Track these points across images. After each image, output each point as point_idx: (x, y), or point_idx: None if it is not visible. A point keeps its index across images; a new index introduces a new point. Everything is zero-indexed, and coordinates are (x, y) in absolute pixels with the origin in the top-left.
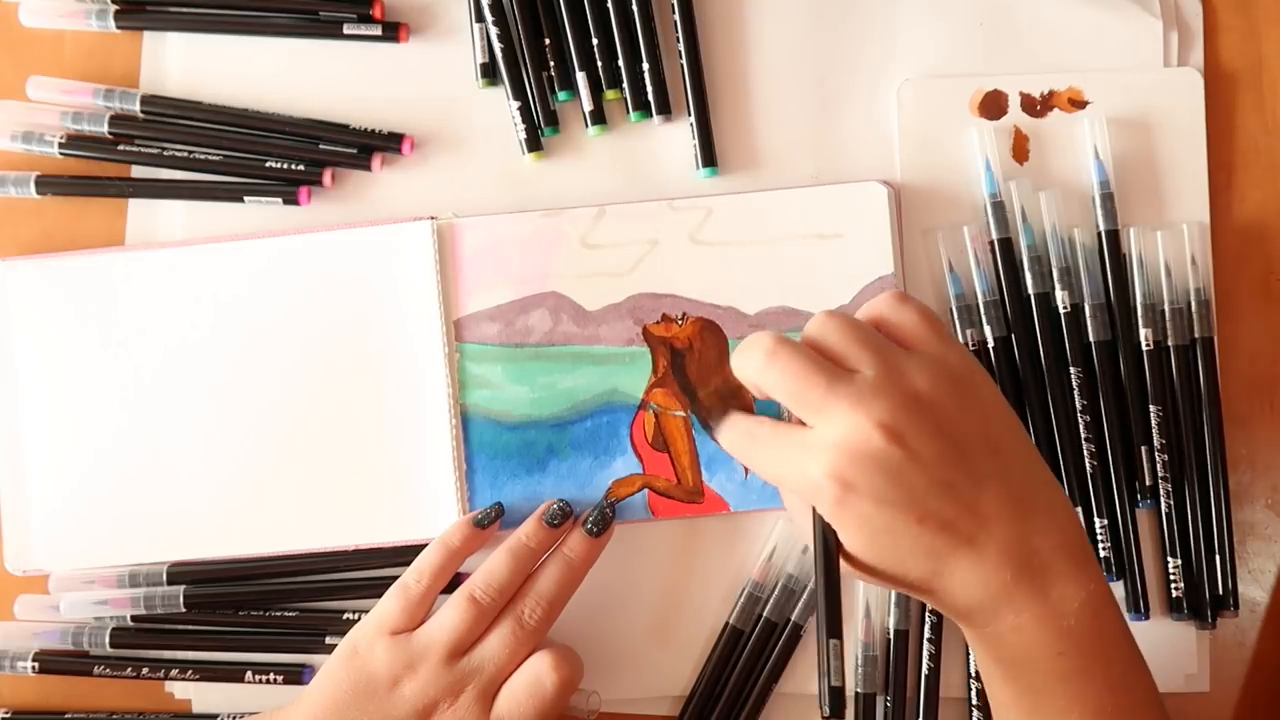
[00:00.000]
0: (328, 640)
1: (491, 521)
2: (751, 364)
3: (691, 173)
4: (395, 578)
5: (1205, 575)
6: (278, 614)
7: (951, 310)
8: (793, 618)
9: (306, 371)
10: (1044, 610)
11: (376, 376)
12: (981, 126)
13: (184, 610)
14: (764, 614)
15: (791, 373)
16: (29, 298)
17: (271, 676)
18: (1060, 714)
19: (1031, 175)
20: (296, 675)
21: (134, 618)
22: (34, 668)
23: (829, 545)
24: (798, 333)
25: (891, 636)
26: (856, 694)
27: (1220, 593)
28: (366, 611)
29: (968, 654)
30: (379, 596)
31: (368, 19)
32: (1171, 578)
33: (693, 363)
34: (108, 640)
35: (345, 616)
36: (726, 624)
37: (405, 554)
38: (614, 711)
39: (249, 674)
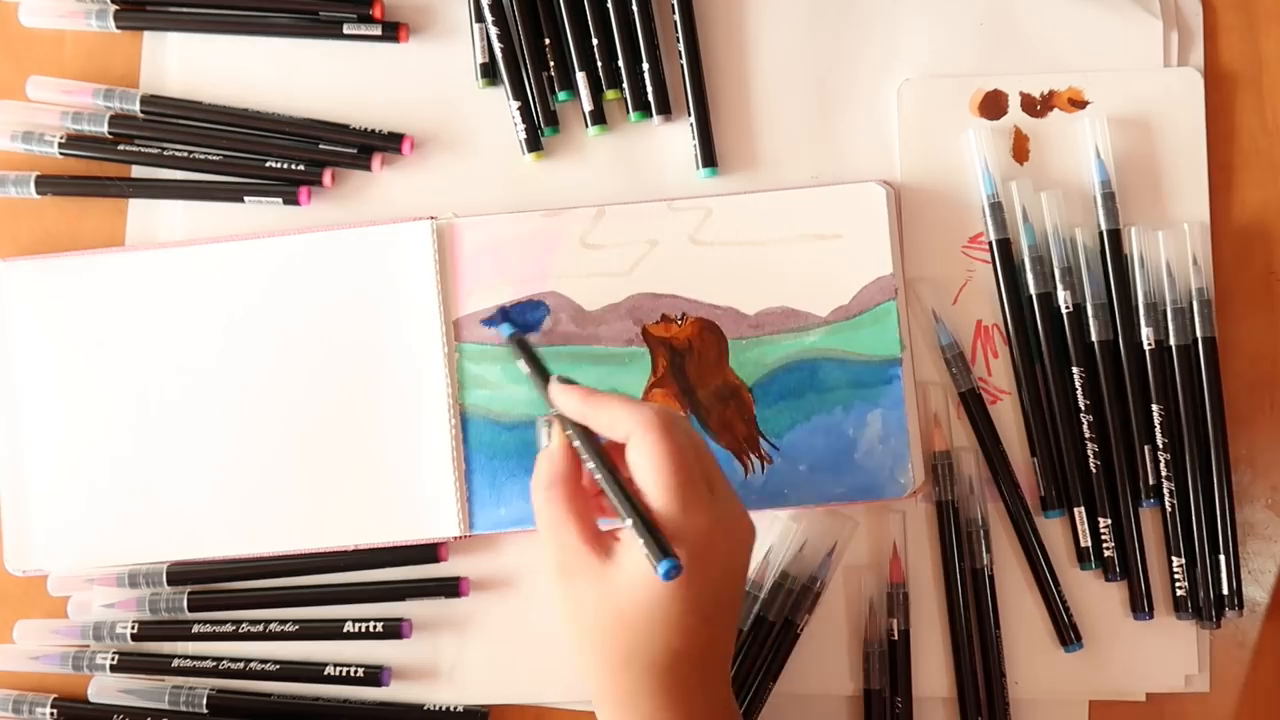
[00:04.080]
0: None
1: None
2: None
3: (691, 173)
4: (395, 578)
5: (1210, 574)
6: (278, 628)
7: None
8: (789, 616)
9: (306, 371)
10: None
11: (376, 376)
12: (979, 128)
13: (188, 611)
14: (759, 613)
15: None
16: (29, 298)
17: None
18: None
19: (1032, 175)
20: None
21: (133, 638)
22: (53, 714)
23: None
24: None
25: (896, 637)
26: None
27: (1225, 592)
28: (367, 619)
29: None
30: (379, 600)
31: (368, 19)
32: (1175, 577)
33: (692, 363)
34: (109, 664)
35: (345, 629)
36: None
37: (405, 554)
38: None
39: None
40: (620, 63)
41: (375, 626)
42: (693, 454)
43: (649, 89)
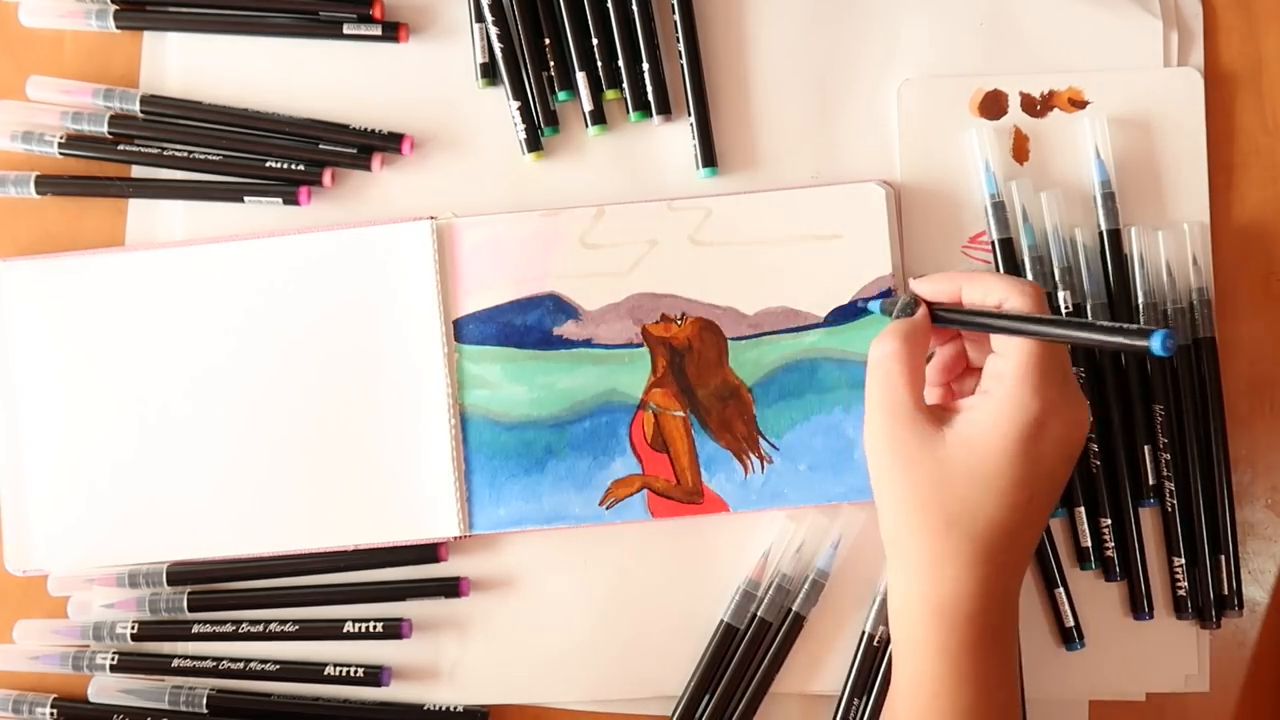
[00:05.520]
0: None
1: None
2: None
3: (691, 173)
4: (395, 578)
5: (1210, 574)
6: (278, 628)
7: None
8: (793, 608)
9: (306, 371)
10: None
11: (376, 376)
12: (980, 127)
13: (188, 611)
14: (759, 613)
15: None
16: (29, 298)
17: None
18: None
19: (1032, 175)
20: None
21: (133, 638)
22: (53, 714)
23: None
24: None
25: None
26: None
27: (1225, 592)
28: (367, 619)
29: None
30: (379, 600)
31: (368, 19)
32: (1175, 577)
33: (692, 363)
34: (109, 664)
35: (345, 629)
36: (721, 621)
37: (405, 554)
38: (612, 711)
39: None
40: (620, 63)
41: (375, 626)
42: None
43: (649, 89)
